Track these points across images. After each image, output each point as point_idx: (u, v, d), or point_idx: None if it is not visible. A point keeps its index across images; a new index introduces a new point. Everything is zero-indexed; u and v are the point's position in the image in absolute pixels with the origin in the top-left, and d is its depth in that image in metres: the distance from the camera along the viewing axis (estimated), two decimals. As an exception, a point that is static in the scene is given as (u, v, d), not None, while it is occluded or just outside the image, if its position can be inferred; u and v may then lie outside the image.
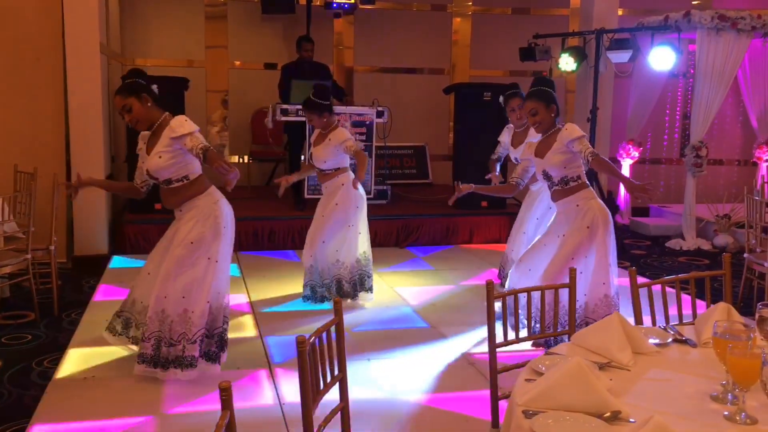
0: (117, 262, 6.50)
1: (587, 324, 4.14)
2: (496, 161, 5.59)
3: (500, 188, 5.13)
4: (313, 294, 5.17)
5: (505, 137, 5.50)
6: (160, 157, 3.74)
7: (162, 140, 3.74)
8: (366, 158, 4.83)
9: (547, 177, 4.21)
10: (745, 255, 5.43)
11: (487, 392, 2.69)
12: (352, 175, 5.04)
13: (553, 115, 4.16)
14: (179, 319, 3.76)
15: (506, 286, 4.62)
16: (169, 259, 3.80)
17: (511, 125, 5.45)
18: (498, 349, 2.60)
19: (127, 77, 3.91)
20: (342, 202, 5.04)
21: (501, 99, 5.44)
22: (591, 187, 4.25)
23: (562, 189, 4.19)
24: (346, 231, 5.08)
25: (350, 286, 5.18)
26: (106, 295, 5.50)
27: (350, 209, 5.05)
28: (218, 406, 1.68)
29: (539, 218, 5.13)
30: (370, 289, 5.26)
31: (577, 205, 4.14)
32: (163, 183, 3.85)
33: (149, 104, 3.80)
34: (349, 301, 5.18)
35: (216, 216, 3.82)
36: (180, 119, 3.74)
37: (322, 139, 5.06)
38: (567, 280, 4.06)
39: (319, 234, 5.08)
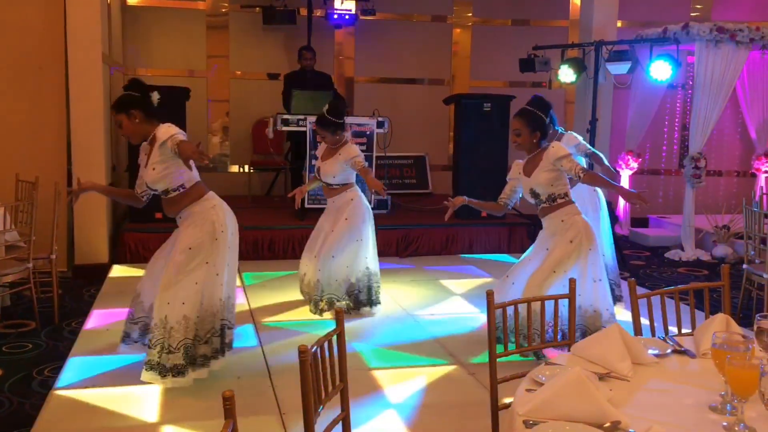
0: (117, 271, 6.51)
1: (562, 333, 4.19)
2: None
3: (491, 205, 4.64)
4: (316, 307, 5.18)
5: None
6: (153, 169, 3.82)
7: (154, 152, 3.82)
8: (372, 174, 4.82)
9: (534, 195, 4.30)
10: (744, 266, 5.45)
11: (487, 402, 2.70)
12: (359, 191, 5.14)
13: (535, 141, 4.25)
14: (178, 326, 3.78)
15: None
16: (170, 265, 3.84)
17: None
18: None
19: (127, 88, 3.96)
20: (351, 217, 5.08)
21: None
22: (575, 204, 4.33)
23: (549, 206, 4.29)
24: (357, 245, 5.11)
25: (363, 297, 5.21)
26: (106, 305, 5.51)
27: (359, 224, 5.10)
28: (220, 416, 1.69)
29: None
30: (375, 302, 5.29)
31: (562, 221, 4.26)
32: (162, 193, 3.93)
33: (137, 120, 3.87)
34: (354, 311, 5.21)
35: (212, 221, 3.86)
36: (163, 127, 3.81)
37: (331, 154, 5.10)
38: (549, 292, 4.16)
39: (327, 248, 5.07)
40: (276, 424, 3.58)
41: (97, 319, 5.16)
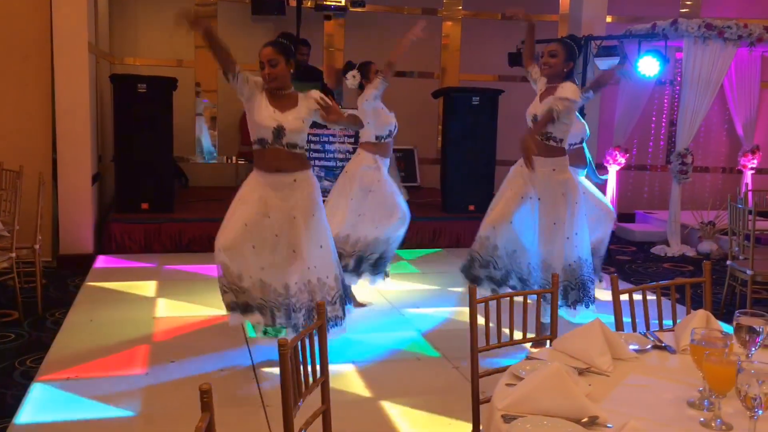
0: (102, 261, 6.48)
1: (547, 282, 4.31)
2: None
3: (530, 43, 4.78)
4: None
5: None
6: (303, 121, 4.04)
7: (301, 108, 4.03)
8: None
9: (534, 121, 4.37)
10: (728, 262, 5.49)
11: (469, 396, 2.70)
12: None
13: (566, 70, 4.35)
14: (317, 288, 4.03)
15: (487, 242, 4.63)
16: (302, 233, 3.99)
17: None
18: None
19: (281, 37, 4.20)
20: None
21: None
22: (567, 156, 4.42)
23: (543, 144, 4.31)
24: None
25: (367, 264, 5.32)
26: (90, 295, 5.48)
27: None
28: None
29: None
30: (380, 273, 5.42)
31: (553, 170, 4.35)
32: (288, 146, 4.02)
33: (291, 70, 4.12)
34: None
35: (318, 187, 4.14)
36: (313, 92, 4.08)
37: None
38: (559, 246, 4.28)
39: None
40: (259, 416, 3.58)
41: (81, 309, 5.13)
